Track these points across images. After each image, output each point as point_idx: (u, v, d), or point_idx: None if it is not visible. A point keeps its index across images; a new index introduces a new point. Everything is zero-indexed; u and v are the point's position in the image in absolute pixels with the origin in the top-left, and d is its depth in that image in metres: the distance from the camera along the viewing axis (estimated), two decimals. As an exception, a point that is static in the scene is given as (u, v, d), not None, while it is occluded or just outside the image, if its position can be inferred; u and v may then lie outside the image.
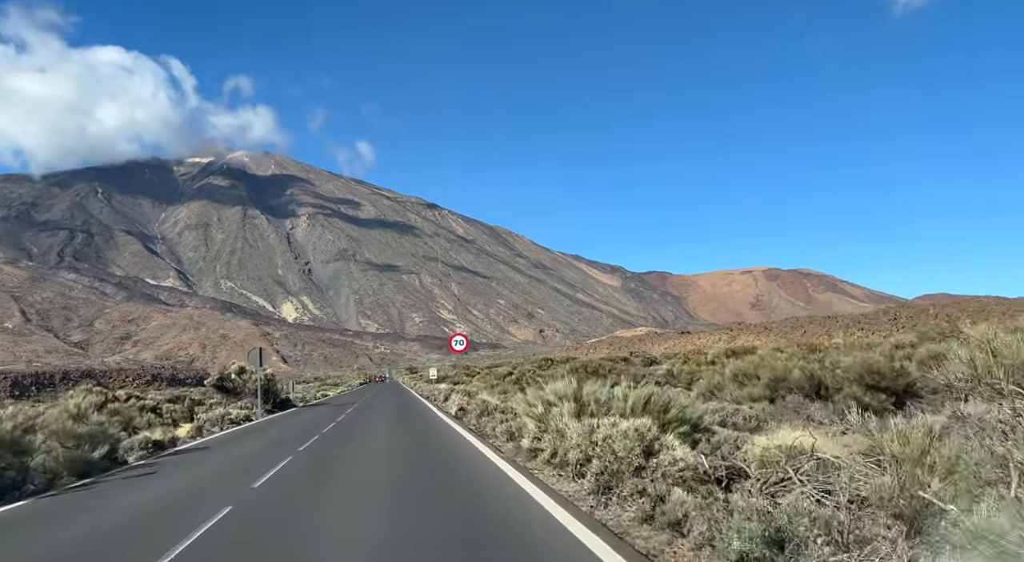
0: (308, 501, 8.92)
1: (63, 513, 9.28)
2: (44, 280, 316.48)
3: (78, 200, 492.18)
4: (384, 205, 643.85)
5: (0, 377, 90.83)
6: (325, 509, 8.31)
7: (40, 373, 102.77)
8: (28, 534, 8.09)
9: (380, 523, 7.50)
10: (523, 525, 7.00)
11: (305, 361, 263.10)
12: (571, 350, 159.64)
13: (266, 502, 9.14)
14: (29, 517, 9.19)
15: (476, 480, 10.09)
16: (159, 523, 8.00)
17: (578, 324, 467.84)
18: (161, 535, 7.06)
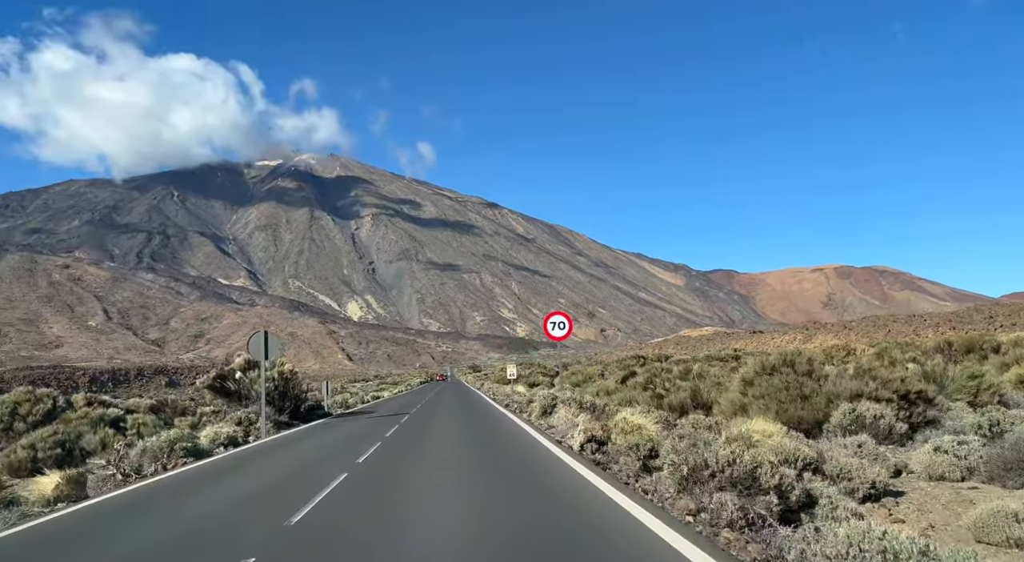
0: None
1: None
2: (124, 280, 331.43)
3: (155, 203, 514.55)
4: (445, 205, 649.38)
5: (80, 373, 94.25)
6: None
7: (117, 369, 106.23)
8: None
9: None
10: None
11: (369, 359, 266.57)
12: (636, 349, 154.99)
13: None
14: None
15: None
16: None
17: (640, 323, 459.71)
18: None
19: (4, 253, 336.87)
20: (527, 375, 51.08)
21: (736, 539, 5.67)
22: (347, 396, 45.32)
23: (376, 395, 55.75)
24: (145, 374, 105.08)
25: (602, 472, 9.52)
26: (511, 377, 35.09)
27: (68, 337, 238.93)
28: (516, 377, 36.94)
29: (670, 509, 6.96)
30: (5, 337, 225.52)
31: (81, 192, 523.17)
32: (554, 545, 6.05)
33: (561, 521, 6.95)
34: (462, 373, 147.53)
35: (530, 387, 39.23)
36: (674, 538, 5.82)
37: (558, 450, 12.15)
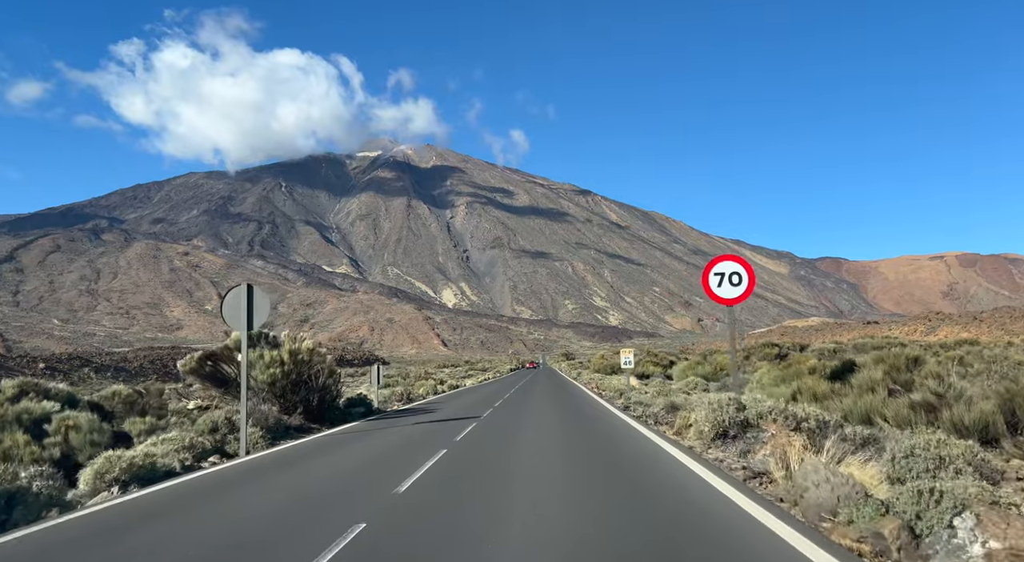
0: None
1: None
2: (237, 267, 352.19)
3: (265, 194, 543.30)
4: (537, 193, 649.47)
5: (196, 353, 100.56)
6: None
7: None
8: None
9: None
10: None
11: (463, 345, 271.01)
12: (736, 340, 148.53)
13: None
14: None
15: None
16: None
17: (740, 313, 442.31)
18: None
19: (133, 241, 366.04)
20: (640, 363, 44.00)
21: None
22: (418, 385, 39.73)
23: (455, 384, 47.84)
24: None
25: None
26: (627, 365, 28.11)
27: (187, 320, 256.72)
28: (633, 365, 29.04)
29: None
30: (134, 319, 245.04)
31: (199, 184, 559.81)
32: None
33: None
34: (555, 360, 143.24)
35: (640, 379, 34.75)
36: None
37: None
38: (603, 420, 17.16)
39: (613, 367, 49.69)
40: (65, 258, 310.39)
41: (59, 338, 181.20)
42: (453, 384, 47.87)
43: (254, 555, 5.68)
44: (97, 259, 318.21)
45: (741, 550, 5.26)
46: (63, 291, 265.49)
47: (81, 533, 6.82)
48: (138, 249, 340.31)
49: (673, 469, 8.89)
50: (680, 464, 9.16)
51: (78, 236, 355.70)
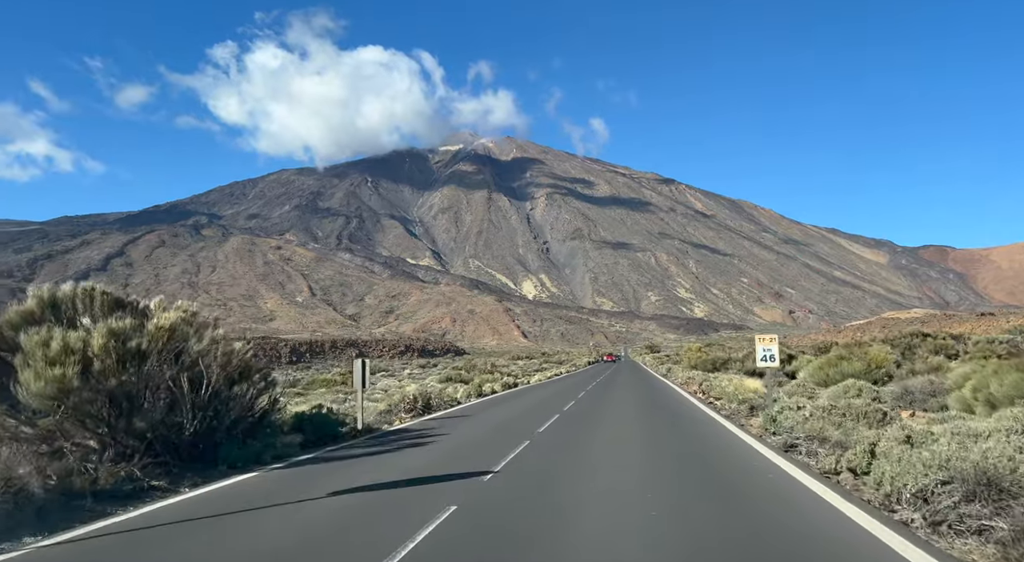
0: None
1: None
2: (326, 260, 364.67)
3: (352, 189, 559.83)
4: (619, 182, 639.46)
5: (283, 344, 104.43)
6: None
7: (314, 341, 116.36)
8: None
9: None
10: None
11: (543, 337, 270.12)
12: (831, 333, 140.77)
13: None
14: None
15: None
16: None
17: (835, 304, 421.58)
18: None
19: (230, 236, 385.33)
20: (737, 361, 35.43)
21: None
22: (482, 379, 34.48)
23: (515, 382, 39.46)
24: (338, 346, 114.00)
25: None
26: (767, 361, 16.57)
27: (279, 311, 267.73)
28: (778, 361, 17.18)
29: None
30: (230, 310, 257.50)
31: (290, 180, 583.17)
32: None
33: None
34: (637, 353, 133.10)
35: (744, 378, 26.57)
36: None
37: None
38: (758, 485, 8.56)
39: (715, 363, 40.99)
40: (169, 252, 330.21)
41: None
42: (515, 382, 39.04)
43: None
44: (198, 253, 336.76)
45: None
46: (167, 284, 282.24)
47: None
48: (235, 243, 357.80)
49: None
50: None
51: (181, 231, 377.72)
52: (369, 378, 17.04)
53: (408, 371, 58.13)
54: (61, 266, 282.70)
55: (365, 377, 16.75)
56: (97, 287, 11.52)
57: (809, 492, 7.84)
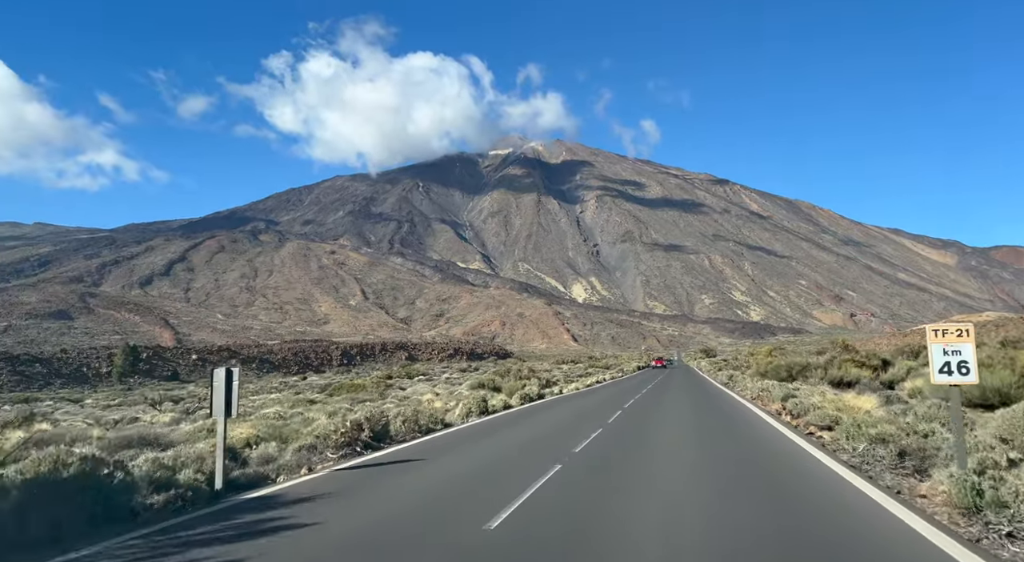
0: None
1: None
2: (378, 264, 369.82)
3: (404, 194, 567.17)
4: (671, 184, 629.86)
5: (334, 346, 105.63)
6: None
7: (364, 344, 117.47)
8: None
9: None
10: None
11: (594, 340, 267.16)
12: (896, 336, 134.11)
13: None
14: None
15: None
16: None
17: (899, 307, 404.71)
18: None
19: (286, 241, 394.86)
20: (818, 367, 27.37)
21: None
22: (512, 387, 30.47)
23: (540, 393, 31.93)
24: (388, 348, 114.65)
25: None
26: (954, 376, 8.03)
27: (333, 315, 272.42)
28: (975, 373, 7.99)
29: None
30: (286, 314, 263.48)
31: (344, 186, 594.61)
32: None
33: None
34: (692, 357, 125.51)
35: (835, 388, 22.07)
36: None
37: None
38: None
39: (790, 370, 29.71)
40: (228, 258, 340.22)
41: (221, 331, 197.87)
42: (532, 394, 30.08)
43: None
44: (255, 258, 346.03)
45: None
46: (226, 288, 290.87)
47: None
48: (290, 249, 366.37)
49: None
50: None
51: (239, 237, 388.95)
52: (237, 398, 10.20)
53: (447, 375, 57.01)
54: (127, 271, 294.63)
55: (231, 398, 10.06)
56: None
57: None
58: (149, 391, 56.24)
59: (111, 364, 72.03)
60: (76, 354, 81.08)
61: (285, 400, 32.37)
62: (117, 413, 30.27)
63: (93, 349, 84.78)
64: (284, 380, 62.33)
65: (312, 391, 42.18)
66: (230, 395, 10.03)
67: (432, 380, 50.86)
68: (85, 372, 75.80)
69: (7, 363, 74.58)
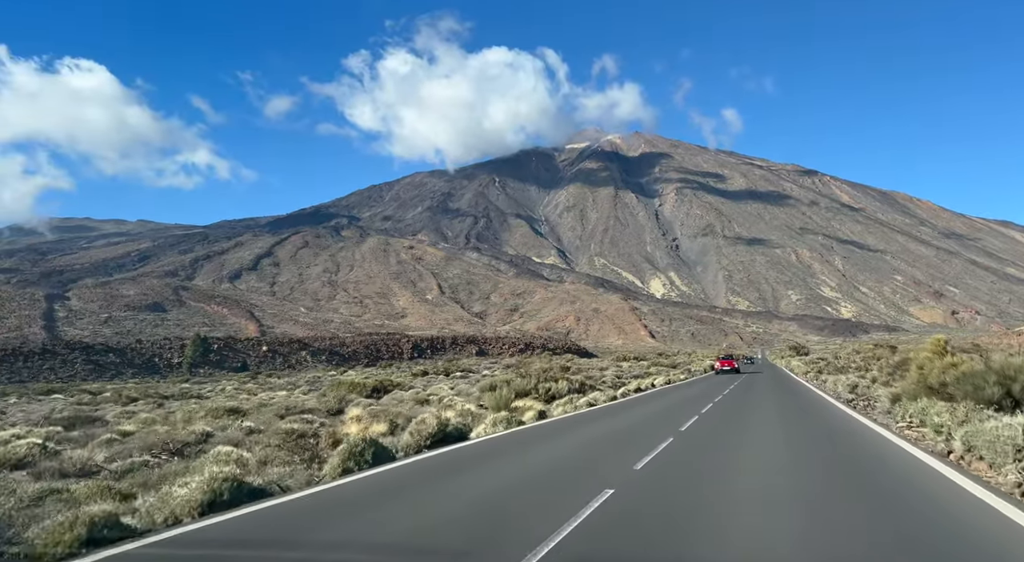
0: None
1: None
2: (454, 259, 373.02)
3: (480, 190, 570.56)
4: (755, 175, 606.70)
5: (405, 340, 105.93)
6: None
7: (435, 337, 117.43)
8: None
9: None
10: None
11: (673, 337, 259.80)
12: (1008, 336, 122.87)
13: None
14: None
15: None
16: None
17: (1008, 305, 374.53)
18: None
19: (367, 236, 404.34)
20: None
21: None
22: (557, 385, 25.35)
23: (512, 417, 18.25)
24: (459, 342, 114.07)
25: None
26: None
27: (410, 308, 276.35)
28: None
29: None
30: (365, 308, 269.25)
31: (423, 183, 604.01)
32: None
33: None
34: (778, 355, 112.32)
35: (995, 410, 11.70)
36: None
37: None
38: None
39: (1006, 382, 13.04)
40: (311, 253, 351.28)
41: (303, 324, 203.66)
42: (509, 417, 18.16)
43: None
44: (337, 253, 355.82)
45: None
46: (309, 282, 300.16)
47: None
48: (371, 244, 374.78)
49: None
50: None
51: (322, 233, 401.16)
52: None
53: (493, 371, 51.17)
54: (218, 266, 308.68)
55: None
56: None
57: None
58: (270, 378, 57.65)
59: (182, 355, 74.36)
60: (149, 344, 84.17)
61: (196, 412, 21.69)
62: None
63: (167, 339, 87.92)
64: (317, 374, 61.69)
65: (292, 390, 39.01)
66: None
67: (469, 378, 46.07)
68: (156, 362, 78.52)
69: (82, 352, 78.16)
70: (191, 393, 45.67)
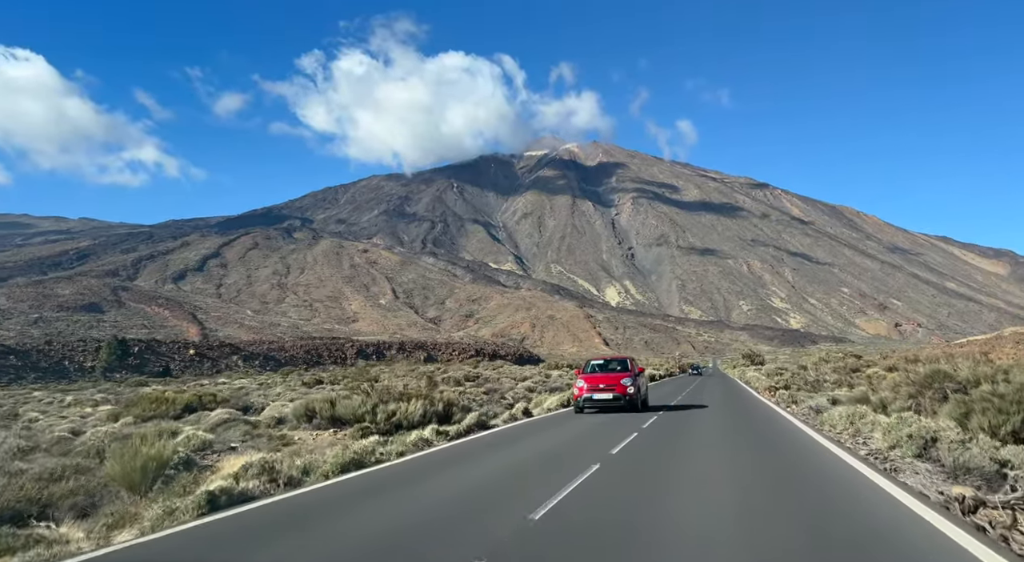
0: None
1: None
2: (410, 263, 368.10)
3: (438, 194, 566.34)
4: (709, 187, 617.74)
5: (349, 344, 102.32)
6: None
7: (382, 343, 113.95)
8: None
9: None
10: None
11: (627, 345, 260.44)
12: (944, 347, 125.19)
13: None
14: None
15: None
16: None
17: (947, 318, 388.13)
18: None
19: (320, 239, 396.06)
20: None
21: None
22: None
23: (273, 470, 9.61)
24: (407, 348, 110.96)
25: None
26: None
27: (362, 313, 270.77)
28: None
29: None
30: (315, 311, 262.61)
31: (379, 186, 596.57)
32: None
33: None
34: (731, 365, 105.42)
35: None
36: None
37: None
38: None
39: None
40: (261, 254, 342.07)
41: (248, 327, 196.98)
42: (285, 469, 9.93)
43: None
44: (288, 256, 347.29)
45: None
46: (257, 284, 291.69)
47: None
48: (324, 246, 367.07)
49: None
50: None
51: (274, 235, 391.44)
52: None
53: (404, 381, 35.51)
54: (162, 266, 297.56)
55: None
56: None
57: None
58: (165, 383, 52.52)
59: (96, 358, 69.33)
60: (60, 346, 78.39)
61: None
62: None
63: (81, 342, 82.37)
64: (232, 379, 57.05)
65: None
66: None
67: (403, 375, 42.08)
68: (67, 366, 72.38)
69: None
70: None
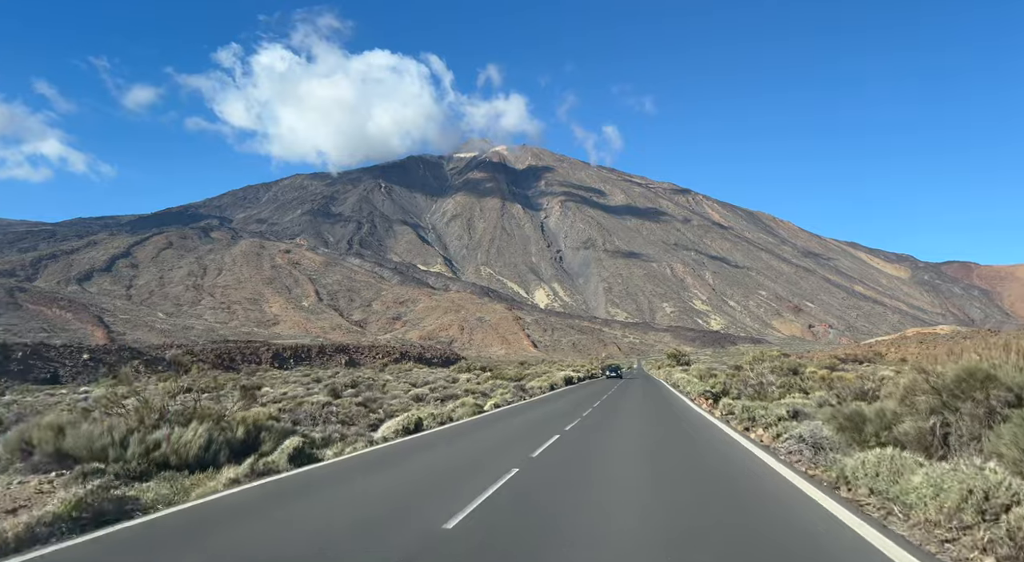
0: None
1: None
2: (335, 265, 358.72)
3: (365, 194, 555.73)
4: (634, 192, 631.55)
5: (265, 348, 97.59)
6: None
7: (301, 346, 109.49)
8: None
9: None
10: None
11: (554, 347, 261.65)
12: (853, 347, 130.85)
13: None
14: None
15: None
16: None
17: (856, 320, 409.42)
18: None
19: (240, 239, 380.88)
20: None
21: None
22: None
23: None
24: (327, 351, 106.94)
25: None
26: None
27: (284, 315, 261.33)
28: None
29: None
30: (233, 314, 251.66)
31: (304, 185, 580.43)
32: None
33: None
34: (656, 365, 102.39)
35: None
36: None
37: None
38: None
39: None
40: (176, 255, 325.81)
41: (160, 330, 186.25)
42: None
43: None
44: (205, 256, 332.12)
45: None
46: (171, 286, 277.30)
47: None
48: (243, 247, 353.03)
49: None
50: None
51: (189, 234, 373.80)
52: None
53: (283, 390, 35.34)
54: (65, 266, 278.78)
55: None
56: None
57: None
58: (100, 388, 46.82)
59: (-30, 364, 62.87)
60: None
61: None
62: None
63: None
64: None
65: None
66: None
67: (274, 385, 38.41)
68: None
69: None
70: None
